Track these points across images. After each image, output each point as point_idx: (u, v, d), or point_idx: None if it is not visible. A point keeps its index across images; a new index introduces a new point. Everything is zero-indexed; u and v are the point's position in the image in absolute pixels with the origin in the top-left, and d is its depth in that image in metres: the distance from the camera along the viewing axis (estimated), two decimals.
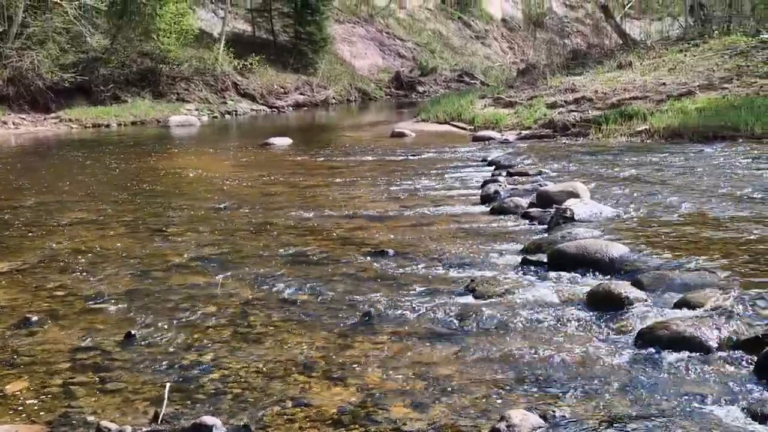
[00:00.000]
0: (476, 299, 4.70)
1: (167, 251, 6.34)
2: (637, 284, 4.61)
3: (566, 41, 30.31)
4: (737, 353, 3.63)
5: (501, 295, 4.72)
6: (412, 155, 12.65)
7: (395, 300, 4.76)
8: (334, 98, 31.01)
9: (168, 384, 3.54)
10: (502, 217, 7.21)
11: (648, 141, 12.55)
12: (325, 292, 5.01)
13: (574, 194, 7.22)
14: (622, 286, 4.51)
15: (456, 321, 4.36)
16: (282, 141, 15.73)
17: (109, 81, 24.23)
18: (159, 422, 3.23)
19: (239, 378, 3.70)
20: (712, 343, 3.72)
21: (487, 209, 7.65)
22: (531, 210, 7.18)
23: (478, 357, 3.85)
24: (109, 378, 3.75)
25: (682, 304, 4.26)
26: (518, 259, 5.54)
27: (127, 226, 7.47)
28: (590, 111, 15.06)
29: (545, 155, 11.58)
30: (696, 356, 3.65)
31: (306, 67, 31.13)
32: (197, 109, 25.34)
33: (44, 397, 3.54)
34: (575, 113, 15.08)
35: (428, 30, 41.46)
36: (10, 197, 9.57)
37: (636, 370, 3.58)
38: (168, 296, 5.05)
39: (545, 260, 5.38)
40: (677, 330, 3.79)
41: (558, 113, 15.42)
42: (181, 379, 3.69)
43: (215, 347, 4.11)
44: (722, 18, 23.12)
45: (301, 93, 29.94)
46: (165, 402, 3.36)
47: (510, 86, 21.09)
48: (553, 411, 3.17)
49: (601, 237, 5.75)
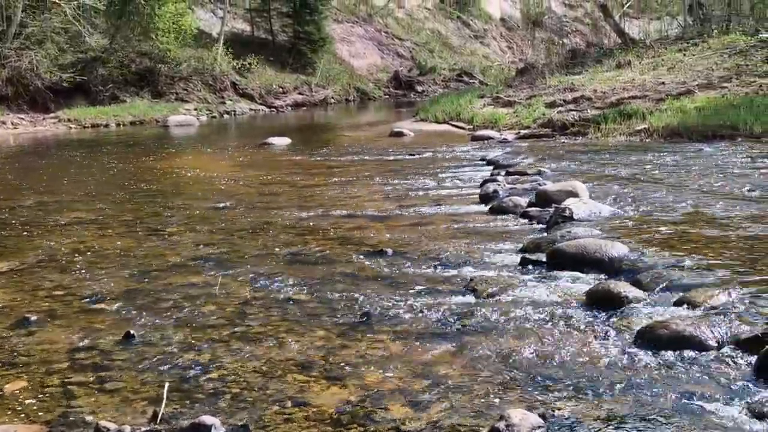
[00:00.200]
0: (475, 298, 4.70)
1: (166, 251, 6.34)
2: (637, 283, 4.61)
3: (565, 40, 30.33)
4: (737, 352, 3.63)
5: (500, 295, 4.72)
6: (411, 155, 12.63)
7: (394, 299, 4.75)
8: (333, 98, 31.02)
9: (167, 383, 3.54)
10: (501, 217, 7.20)
11: (647, 140, 12.54)
12: (324, 292, 5.01)
13: (573, 193, 7.22)
14: (622, 285, 4.51)
15: (455, 320, 4.35)
16: (281, 141, 15.72)
17: (108, 81, 24.24)
18: (158, 422, 3.23)
19: (238, 377, 3.69)
20: (712, 342, 3.71)
21: (486, 209, 7.64)
22: (530, 209, 7.17)
23: (477, 356, 3.84)
24: (108, 378, 3.74)
25: (682, 303, 4.26)
26: (517, 259, 5.53)
27: (126, 226, 7.47)
28: (589, 110, 15.04)
29: (544, 154, 11.57)
30: (695, 355, 3.65)
31: (305, 67, 31.14)
32: (196, 109, 25.34)
33: (43, 397, 3.54)
34: (574, 112, 15.06)
35: (427, 29, 41.48)
36: (9, 197, 9.56)
37: (635, 370, 3.58)
38: (167, 296, 5.05)
39: (544, 259, 5.38)
40: (677, 329, 3.79)
41: (557, 112, 15.41)
42: (180, 379, 3.69)
43: (214, 347, 4.11)
44: (721, 17, 23.15)
45: (300, 93, 29.96)
46: (164, 401, 3.36)
47: (509, 86, 21.12)
48: (553, 410, 3.17)
49: (601, 236, 5.74)
